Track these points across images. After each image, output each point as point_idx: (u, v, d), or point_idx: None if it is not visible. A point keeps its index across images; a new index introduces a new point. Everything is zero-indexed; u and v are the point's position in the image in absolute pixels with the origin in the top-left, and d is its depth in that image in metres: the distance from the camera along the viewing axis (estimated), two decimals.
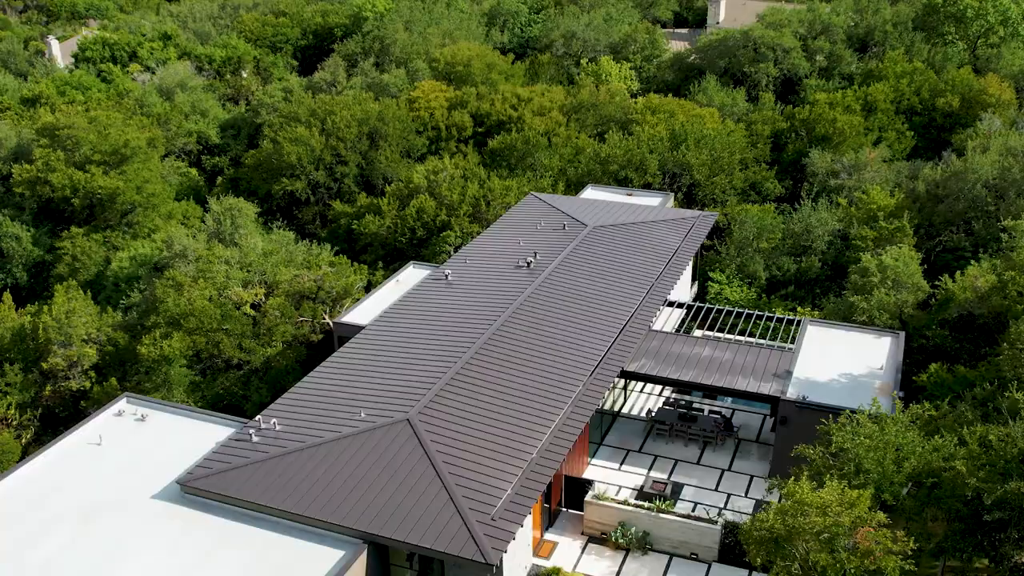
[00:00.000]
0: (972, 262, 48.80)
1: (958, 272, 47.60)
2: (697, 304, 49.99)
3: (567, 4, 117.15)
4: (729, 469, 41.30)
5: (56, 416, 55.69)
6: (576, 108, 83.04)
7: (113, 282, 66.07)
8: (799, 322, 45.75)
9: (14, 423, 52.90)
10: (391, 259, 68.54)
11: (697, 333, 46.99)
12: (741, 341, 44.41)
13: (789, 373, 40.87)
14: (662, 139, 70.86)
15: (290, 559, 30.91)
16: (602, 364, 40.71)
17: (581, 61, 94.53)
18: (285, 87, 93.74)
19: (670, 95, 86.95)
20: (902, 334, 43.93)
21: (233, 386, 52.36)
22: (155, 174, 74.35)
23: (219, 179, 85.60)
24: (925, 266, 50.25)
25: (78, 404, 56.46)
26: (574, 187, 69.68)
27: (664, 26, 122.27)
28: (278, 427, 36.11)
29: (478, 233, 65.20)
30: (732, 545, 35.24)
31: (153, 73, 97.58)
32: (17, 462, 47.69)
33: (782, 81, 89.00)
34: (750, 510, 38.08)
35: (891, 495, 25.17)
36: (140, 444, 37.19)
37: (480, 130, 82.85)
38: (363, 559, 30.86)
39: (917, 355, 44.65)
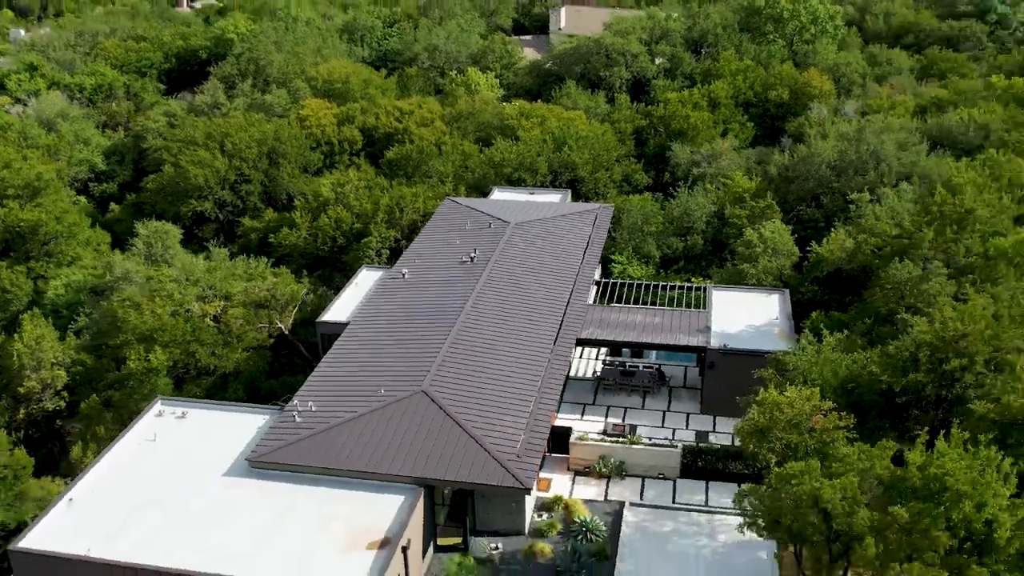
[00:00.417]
0: (831, 230, 60.88)
1: (815, 240, 59.76)
2: (617, 280, 59.80)
3: (418, 17, 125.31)
4: (668, 410, 51.24)
5: (30, 437, 59.37)
6: (456, 117, 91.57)
7: (51, 309, 69.24)
8: (704, 288, 56.32)
9: None
10: (312, 268, 75.00)
11: (621, 305, 56.64)
12: (664, 307, 54.52)
13: (708, 328, 51.28)
14: (547, 142, 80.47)
15: (360, 508, 38.18)
16: (561, 333, 49.73)
17: (448, 72, 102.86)
18: (167, 111, 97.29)
19: (533, 100, 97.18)
20: (786, 291, 55.38)
21: (211, 389, 57.96)
22: (68, 204, 77.45)
23: (113, 204, 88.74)
24: (796, 236, 62.08)
25: (52, 424, 60.41)
26: (473, 190, 78.08)
27: (507, 33, 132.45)
28: (314, 408, 43.08)
29: (396, 238, 72.95)
30: (689, 464, 45.17)
31: (25, 105, 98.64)
32: (32, 475, 52.17)
33: (633, 83, 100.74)
34: (693, 439, 48.11)
35: (831, 397, 35.37)
36: (191, 435, 43.17)
37: (370, 143, 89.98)
38: (422, 499, 38.60)
39: (796, 307, 56.14)
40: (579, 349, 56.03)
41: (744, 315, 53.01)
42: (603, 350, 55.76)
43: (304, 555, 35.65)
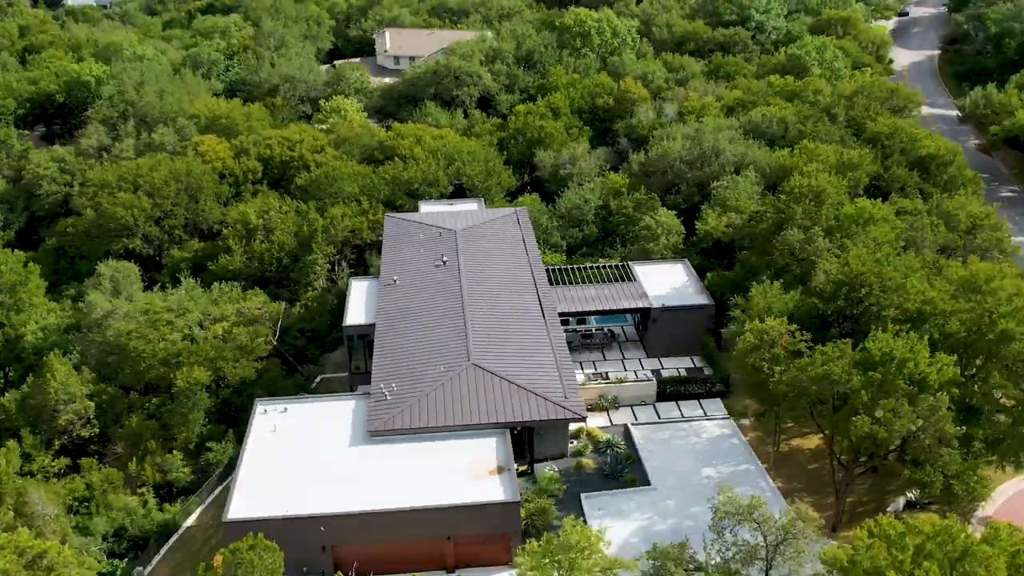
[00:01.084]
0: (699, 212, 79.61)
1: (683, 221, 78.82)
2: (555, 266, 75.51)
3: (254, 47, 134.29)
4: (623, 359, 68.04)
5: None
6: (341, 142, 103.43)
7: (33, 352, 75.75)
8: (626, 265, 73.37)
9: (52, 472, 63.96)
10: (260, 286, 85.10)
11: (571, 285, 72.45)
12: (604, 283, 71.06)
13: (646, 294, 68.49)
14: (440, 158, 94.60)
15: (467, 450, 51.98)
16: (545, 309, 65.06)
17: (320, 101, 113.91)
18: (54, 156, 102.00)
19: (389, 120, 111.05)
20: (686, 260, 73.74)
21: (233, 398, 68.22)
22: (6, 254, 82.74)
23: (20, 252, 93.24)
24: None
25: (85, 448, 68.10)
26: (386, 206, 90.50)
27: (339, 57, 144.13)
28: (395, 387, 56.08)
29: (336, 254, 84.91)
30: (662, 391, 62.21)
31: None
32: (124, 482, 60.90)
33: (480, 99, 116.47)
34: (652, 376, 65.05)
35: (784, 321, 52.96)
36: (303, 422, 54.85)
37: (267, 171, 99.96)
38: (508, 438, 52.98)
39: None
40: None
41: (663, 281, 70.72)
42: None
43: (450, 485, 49.22)
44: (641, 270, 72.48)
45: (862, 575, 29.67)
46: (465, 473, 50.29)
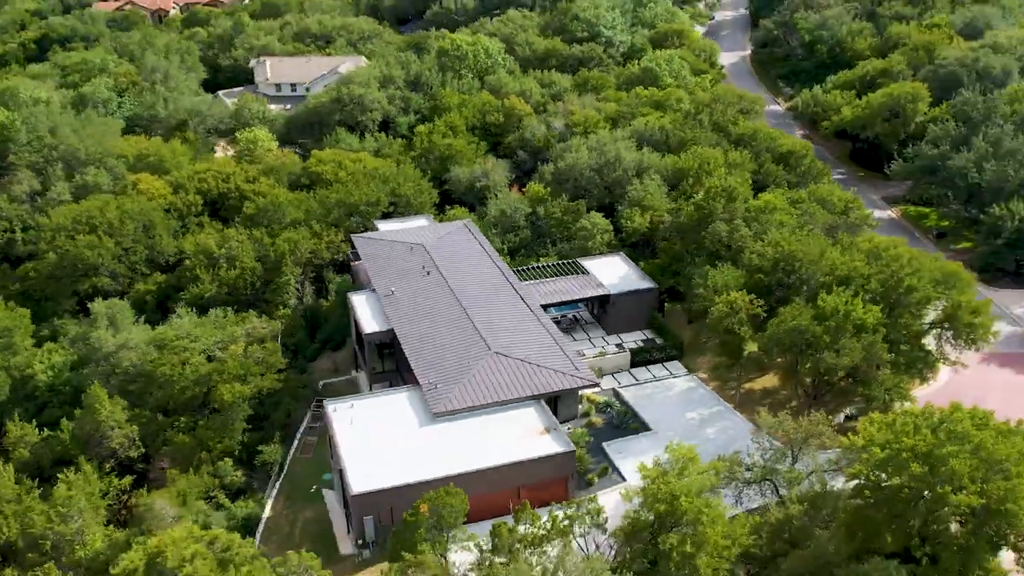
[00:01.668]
0: (615, 212, 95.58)
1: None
2: (517, 267, 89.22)
3: (140, 83, 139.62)
4: (589, 338, 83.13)
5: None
6: (269, 171, 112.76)
7: (47, 389, 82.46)
8: (575, 261, 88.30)
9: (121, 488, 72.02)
10: (236, 309, 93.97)
11: (537, 280, 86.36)
12: (563, 276, 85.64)
13: (602, 284, 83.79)
14: (376, 179, 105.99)
15: (516, 419, 65.53)
16: (529, 303, 79.04)
17: (235, 132, 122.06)
18: None
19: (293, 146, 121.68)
20: (622, 252, 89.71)
21: (258, 408, 78.04)
22: None
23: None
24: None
25: (132, 468, 76.00)
26: (333, 227, 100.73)
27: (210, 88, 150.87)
28: (440, 377, 68.71)
29: (300, 275, 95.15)
30: (634, 360, 77.83)
31: None
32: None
33: (381, 122, 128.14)
34: (618, 350, 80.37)
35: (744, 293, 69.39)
36: (371, 414, 66.47)
37: (206, 203, 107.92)
38: (545, 406, 66.94)
39: None
40: None
41: (610, 272, 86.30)
42: None
43: (515, 445, 62.73)
44: (589, 264, 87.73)
45: (878, 451, 45.99)
46: (522, 435, 63.92)
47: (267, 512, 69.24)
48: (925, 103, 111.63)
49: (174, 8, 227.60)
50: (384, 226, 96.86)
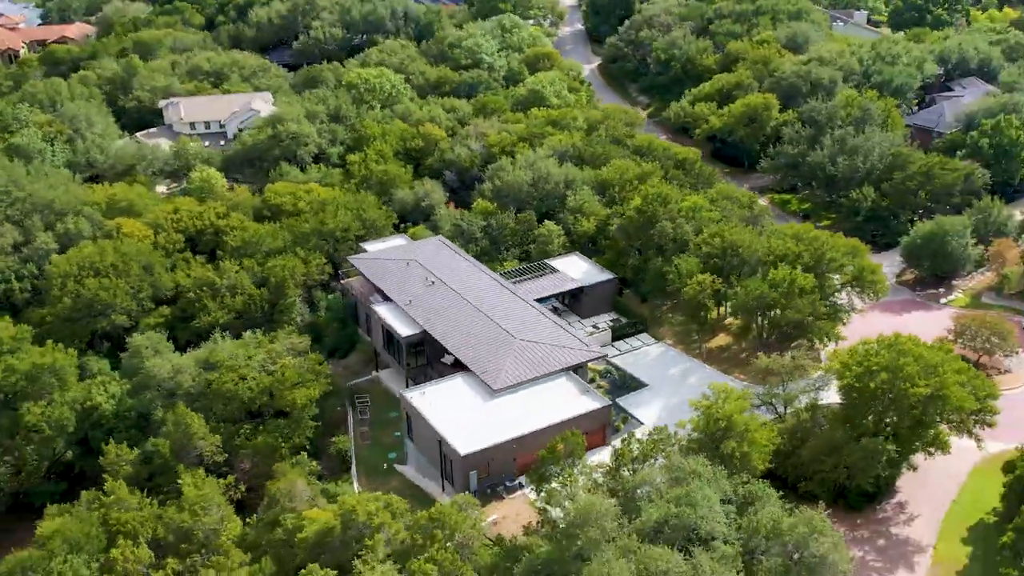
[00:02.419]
0: (571, 218, 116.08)
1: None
2: (504, 271, 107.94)
3: (66, 130, 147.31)
4: (568, 323, 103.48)
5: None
6: (235, 206, 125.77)
7: (113, 416, 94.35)
8: (544, 263, 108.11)
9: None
10: (242, 329, 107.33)
11: (520, 279, 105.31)
12: (539, 276, 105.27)
13: (574, 279, 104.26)
14: (342, 209, 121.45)
15: (555, 386, 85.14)
16: (526, 298, 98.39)
17: (186, 173, 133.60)
18: None
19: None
20: (578, 252, 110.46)
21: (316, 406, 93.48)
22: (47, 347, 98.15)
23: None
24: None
25: (217, 471, 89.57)
26: (316, 251, 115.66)
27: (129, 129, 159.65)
28: (488, 363, 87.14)
29: (301, 295, 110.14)
30: (614, 336, 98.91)
31: None
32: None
33: (316, 155, 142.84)
34: (601, 329, 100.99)
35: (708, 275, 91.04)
36: (442, 396, 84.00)
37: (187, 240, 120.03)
38: (573, 375, 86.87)
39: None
40: None
41: (575, 269, 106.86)
42: None
43: (565, 406, 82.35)
44: (556, 264, 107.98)
45: (856, 368, 68.75)
46: (564, 398, 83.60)
47: (357, 488, 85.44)
48: (776, 110, 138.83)
49: (23, 48, 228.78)
50: (370, 247, 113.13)
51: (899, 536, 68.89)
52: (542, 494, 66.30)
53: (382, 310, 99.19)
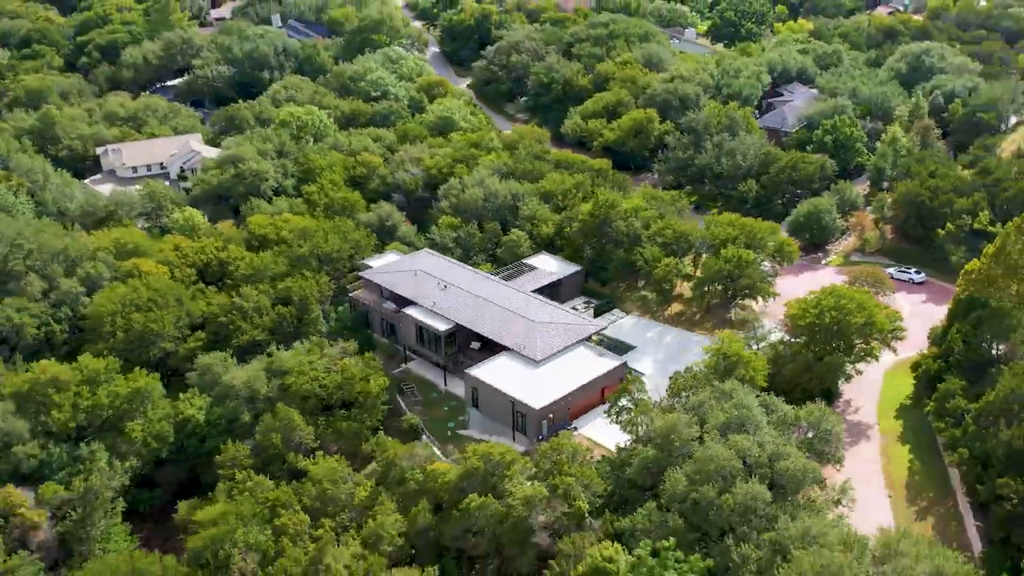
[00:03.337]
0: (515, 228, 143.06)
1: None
2: (492, 272, 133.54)
3: (26, 184, 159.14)
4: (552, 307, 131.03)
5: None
6: (229, 240, 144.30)
7: (206, 424, 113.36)
8: (523, 263, 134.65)
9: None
10: (276, 343, 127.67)
11: (509, 277, 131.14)
12: (524, 274, 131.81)
13: (553, 273, 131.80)
14: (336, 233, 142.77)
15: (578, 356, 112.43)
16: (525, 291, 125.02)
17: (170, 214, 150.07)
18: (19, 307, 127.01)
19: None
20: (545, 251, 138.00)
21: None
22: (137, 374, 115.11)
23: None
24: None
25: (311, 456, 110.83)
26: (318, 273, 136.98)
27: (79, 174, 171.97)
28: (523, 342, 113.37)
29: (322, 310, 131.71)
30: (595, 313, 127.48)
31: None
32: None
33: (275, 188, 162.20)
34: (582, 309, 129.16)
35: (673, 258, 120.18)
36: (499, 371, 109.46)
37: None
38: (589, 343, 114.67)
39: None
40: None
41: (547, 265, 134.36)
42: None
43: (593, 367, 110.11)
44: (532, 262, 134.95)
45: (812, 309, 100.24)
46: (590, 361, 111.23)
47: (436, 451, 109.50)
48: (657, 122, 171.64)
49: None
50: (373, 263, 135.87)
51: (853, 420, 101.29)
52: (621, 419, 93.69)
53: (413, 312, 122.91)
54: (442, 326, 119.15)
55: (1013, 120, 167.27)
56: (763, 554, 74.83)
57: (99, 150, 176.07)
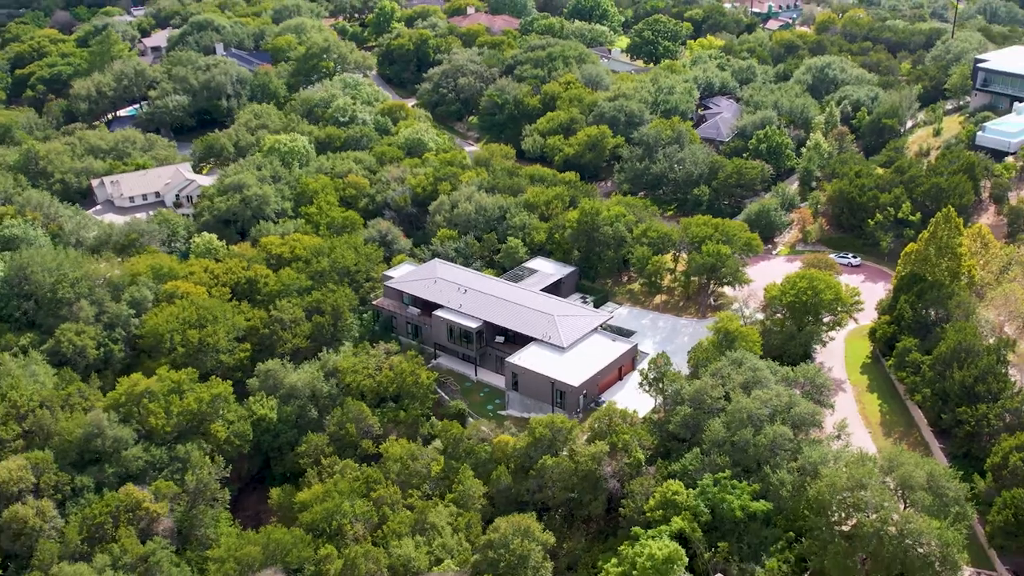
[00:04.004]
0: (508, 238, 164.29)
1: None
2: (498, 276, 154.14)
3: (38, 215, 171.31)
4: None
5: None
6: (252, 260, 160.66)
7: (279, 422, 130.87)
8: (524, 266, 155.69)
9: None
10: (317, 349, 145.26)
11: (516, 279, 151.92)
12: (527, 275, 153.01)
13: (553, 274, 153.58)
14: (350, 248, 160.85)
15: (596, 341, 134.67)
16: (535, 290, 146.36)
17: (191, 240, 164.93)
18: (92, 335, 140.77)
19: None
20: (539, 254, 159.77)
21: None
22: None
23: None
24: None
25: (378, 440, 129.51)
26: (340, 286, 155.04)
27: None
28: (548, 332, 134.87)
29: (354, 315, 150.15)
30: (595, 304, 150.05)
31: None
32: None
33: (277, 211, 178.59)
34: (585, 302, 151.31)
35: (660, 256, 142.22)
36: (534, 357, 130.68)
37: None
38: (603, 331, 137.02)
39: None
40: None
41: (545, 267, 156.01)
42: None
43: (608, 351, 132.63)
44: (531, 266, 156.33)
45: (791, 290, 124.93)
46: (607, 345, 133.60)
47: (484, 427, 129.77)
48: (610, 137, 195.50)
49: None
50: (393, 273, 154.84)
51: (829, 377, 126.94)
52: (656, 385, 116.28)
53: (443, 313, 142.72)
54: (473, 324, 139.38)
55: (909, 124, 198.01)
56: (794, 477, 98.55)
57: (94, 182, 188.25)
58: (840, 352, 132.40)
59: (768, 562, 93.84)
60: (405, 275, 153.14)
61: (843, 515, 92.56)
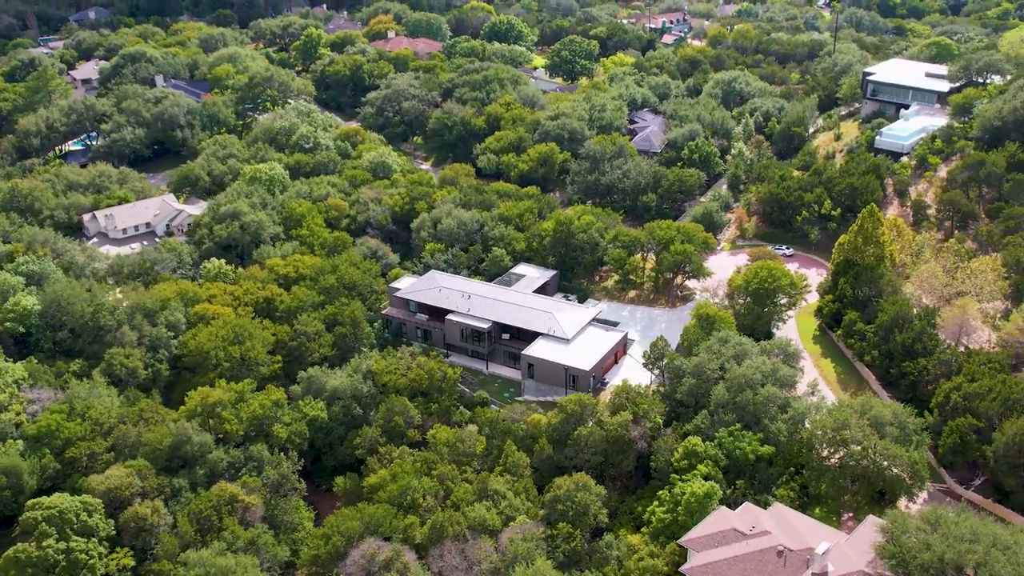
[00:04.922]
0: (494, 248, 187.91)
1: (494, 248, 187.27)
2: (489, 282, 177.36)
3: (45, 250, 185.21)
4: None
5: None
6: (263, 281, 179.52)
7: (329, 419, 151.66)
8: (512, 272, 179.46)
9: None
10: (341, 355, 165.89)
11: (508, 283, 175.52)
12: (520, 278, 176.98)
13: (538, 277, 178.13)
14: (351, 264, 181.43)
15: (596, 333, 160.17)
16: (529, 292, 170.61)
17: (201, 265, 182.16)
18: (138, 358, 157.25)
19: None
20: (523, 261, 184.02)
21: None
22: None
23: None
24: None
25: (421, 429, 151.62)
26: (347, 295, 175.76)
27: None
28: (552, 327, 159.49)
29: (370, 318, 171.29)
30: (579, 301, 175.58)
31: None
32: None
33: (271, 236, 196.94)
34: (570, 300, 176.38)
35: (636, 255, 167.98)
36: (545, 347, 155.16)
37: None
38: (598, 324, 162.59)
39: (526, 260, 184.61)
40: None
41: (530, 272, 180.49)
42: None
43: (606, 340, 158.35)
44: (517, 271, 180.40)
45: (753, 278, 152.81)
46: (603, 335, 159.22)
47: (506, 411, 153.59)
48: (559, 153, 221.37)
49: None
50: (399, 284, 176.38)
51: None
52: (660, 363, 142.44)
53: (455, 317, 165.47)
54: (483, 325, 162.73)
55: (812, 129, 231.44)
56: (788, 426, 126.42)
57: (85, 216, 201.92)
58: (794, 328, 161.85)
59: (778, 492, 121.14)
60: (410, 286, 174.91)
61: (831, 451, 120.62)
